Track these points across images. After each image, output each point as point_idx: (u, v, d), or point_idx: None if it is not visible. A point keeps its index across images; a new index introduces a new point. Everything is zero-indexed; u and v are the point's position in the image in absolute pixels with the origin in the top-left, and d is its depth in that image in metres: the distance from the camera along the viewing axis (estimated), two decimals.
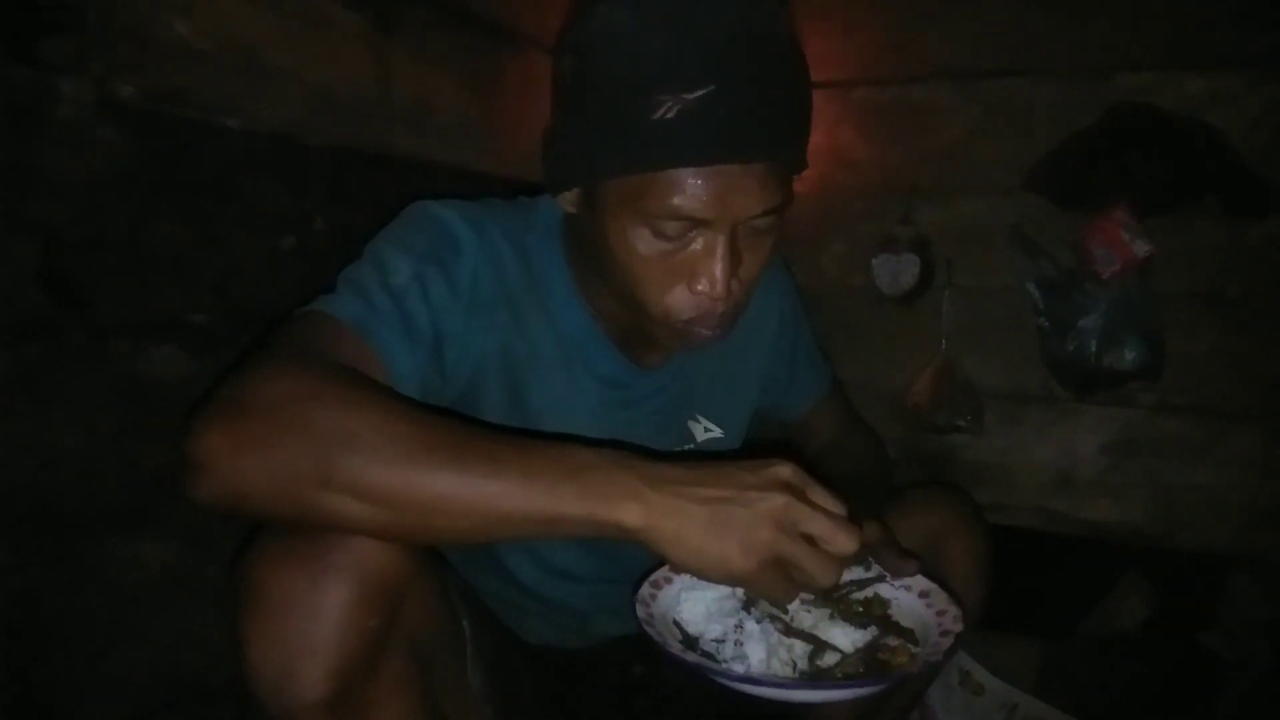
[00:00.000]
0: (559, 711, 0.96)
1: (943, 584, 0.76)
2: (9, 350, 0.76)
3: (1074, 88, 1.38)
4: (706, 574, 0.61)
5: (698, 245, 0.72)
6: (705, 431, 0.99)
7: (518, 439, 0.63)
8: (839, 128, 1.54)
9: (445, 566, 0.88)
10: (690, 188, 0.68)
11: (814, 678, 0.67)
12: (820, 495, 0.62)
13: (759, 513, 0.60)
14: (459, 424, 0.63)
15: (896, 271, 1.47)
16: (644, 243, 0.72)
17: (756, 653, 0.67)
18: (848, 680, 0.66)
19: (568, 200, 0.79)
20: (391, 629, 0.64)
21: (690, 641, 0.70)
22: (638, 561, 0.93)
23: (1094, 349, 1.35)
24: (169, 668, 0.91)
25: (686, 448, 0.97)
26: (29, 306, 0.77)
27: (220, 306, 0.94)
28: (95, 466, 0.83)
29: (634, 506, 0.59)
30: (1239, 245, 1.31)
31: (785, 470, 0.62)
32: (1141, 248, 1.29)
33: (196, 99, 0.89)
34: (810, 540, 0.60)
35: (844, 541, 0.60)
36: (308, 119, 1.02)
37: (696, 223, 0.71)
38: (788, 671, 0.67)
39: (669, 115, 0.66)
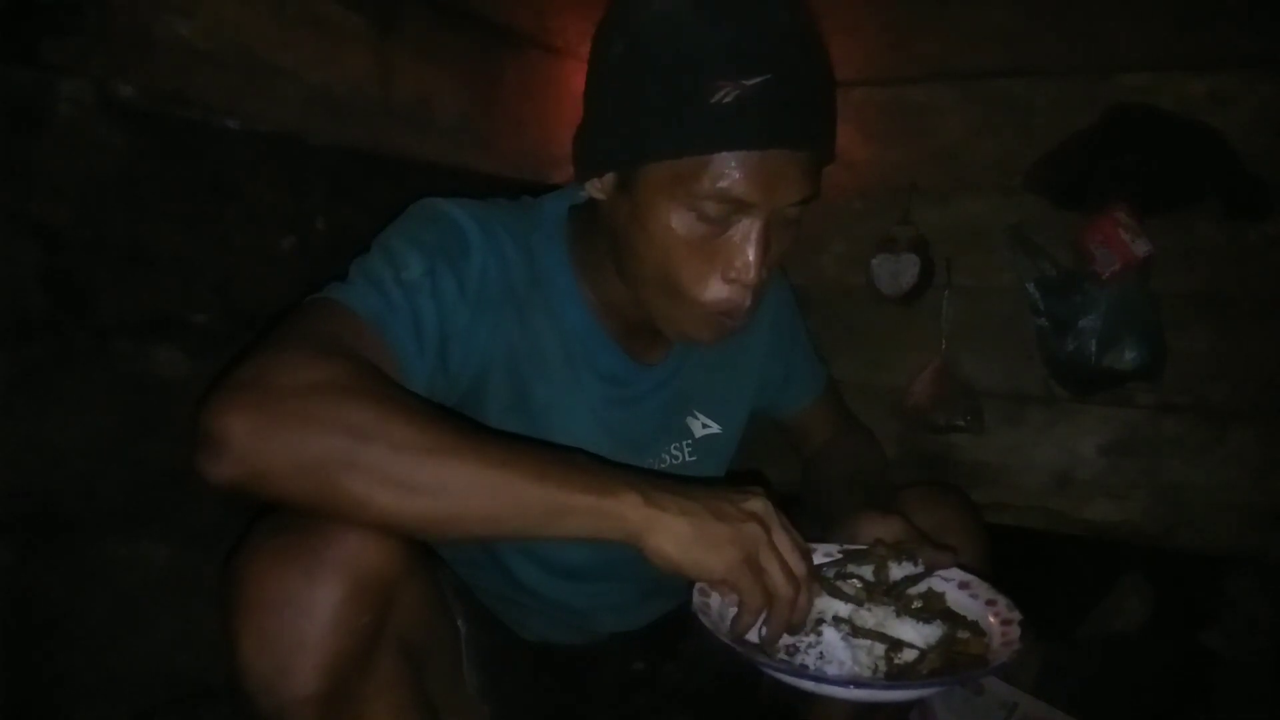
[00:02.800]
0: (558, 709, 0.96)
1: (978, 573, 0.77)
2: (10, 350, 0.76)
3: (1074, 88, 1.38)
4: (699, 563, 0.65)
5: (735, 231, 0.74)
6: (703, 428, 0.99)
7: (531, 443, 0.68)
8: (839, 127, 1.54)
9: (439, 566, 0.88)
10: (741, 171, 0.70)
11: (896, 677, 0.67)
12: (782, 537, 0.68)
13: (744, 509, 0.67)
14: (476, 425, 0.68)
15: (896, 271, 1.47)
16: (684, 226, 0.74)
17: (843, 658, 0.67)
18: (939, 675, 0.66)
19: (596, 187, 0.80)
20: (384, 626, 0.64)
21: (761, 652, 0.70)
22: (637, 562, 0.93)
23: (1094, 349, 1.35)
24: (169, 668, 0.91)
25: (685, 444, 0.98)
26: (30, 306, 0.77)
27: (220, 306, 0.94)
28: (96, 466, 0.83)
29: (635, 497, 0.64)
30: (1238, 245, 1.31)
31: (758, 489, 0.70)
32: (1141, 247, 1.29)
33: (196, 99, 0.90)
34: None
35: (799, 562, 0.68)
36: (308, 119, 1.03)
37: (741, 206, 0.73)
38: (868, 673, 0.68)
39: (726, 100, 0.68)
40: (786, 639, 0.70)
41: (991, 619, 0.72)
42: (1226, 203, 1.29)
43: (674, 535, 0.64)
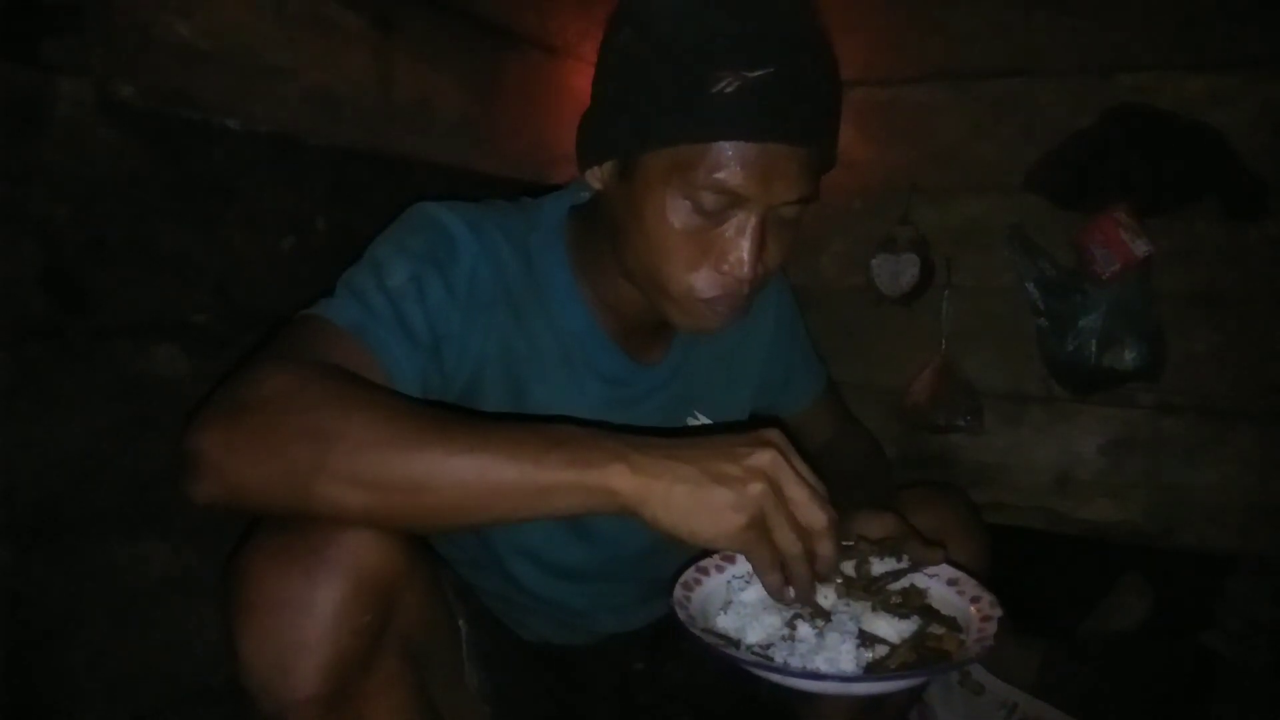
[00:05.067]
0: (558, 709, 0.96)
1: (969, 571, 0.77)
2: (10, 350, 0.76)
3: (1074, 88, 1.38)
4: (698, 534, 0.61)
5: (730, 224, 0.74)
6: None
7: (505, 420, 0.64)
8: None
9: (440, 566, 0.88)
10: (739, 162, 0.70)
11: (868, 671, 0.66)
12: (800, 463, 0.64)
13: (749, 466, 0.61)
14: (446, 410, 0.64)
15: (896, 271, 1.47)
16: (680, 216, 0.74)
17: (817, 652, 0.67)
18: (907, 669, 0.65)
19: (596, 176, 0.80)
20: (385, 626, 0.64)
21: (734, 646, 0.69)
22: (638, 561, 0.93)
23: (1094, 349, 1.35)
24: (169, 668, 0.91)
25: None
26: (30, 306, 0.77)
27: (221, 306, 0.94)
28: (96, 466, 0.83)
29: (622, 468, 0.60)
30: (1238, 245, 1.31)
31: (772, 432, 0.65)
32: (1141, 248, 1.29)
33: (197, 99, 0.90)
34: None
35: (817, 514, 0.62)
36: (308, 119, 1.02)
37: (737, 199, 0.72)
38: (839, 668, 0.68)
39: (729, 90, 0.68)
40: (754, 636, 0.69)
41: (972, 611, 0.72)
42: (1226, 203, 1.29)
43: (668, 505, 0.60)
